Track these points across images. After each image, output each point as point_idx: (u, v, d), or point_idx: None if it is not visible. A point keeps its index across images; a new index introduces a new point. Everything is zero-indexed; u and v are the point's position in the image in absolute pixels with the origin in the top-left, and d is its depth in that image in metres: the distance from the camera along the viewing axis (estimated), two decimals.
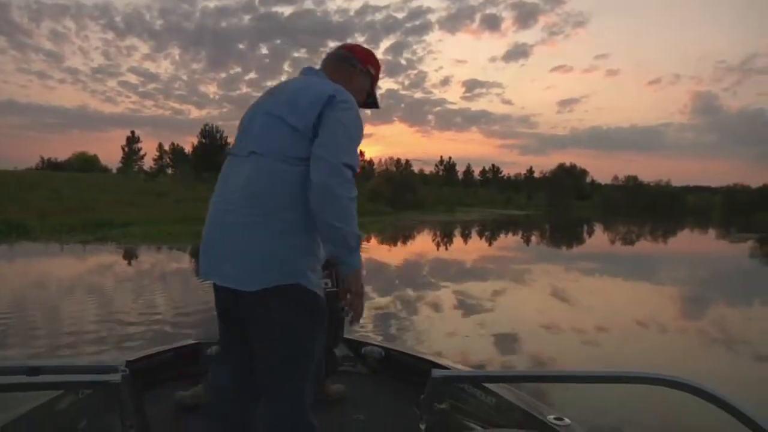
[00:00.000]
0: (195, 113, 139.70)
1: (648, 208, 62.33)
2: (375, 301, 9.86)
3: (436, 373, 1.40)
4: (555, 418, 2.55)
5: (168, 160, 79.94)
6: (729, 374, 7.74)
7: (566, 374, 1.50)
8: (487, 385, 2.88)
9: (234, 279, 1.90)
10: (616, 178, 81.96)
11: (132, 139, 79.61)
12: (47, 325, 8.31)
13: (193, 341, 3.84)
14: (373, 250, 21.20)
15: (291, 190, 1.89)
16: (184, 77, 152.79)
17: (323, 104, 1.91)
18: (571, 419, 2.57)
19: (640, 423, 5.34)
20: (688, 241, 36.35)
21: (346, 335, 3.75)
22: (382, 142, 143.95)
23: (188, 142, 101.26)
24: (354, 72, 2.22)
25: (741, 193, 70.19)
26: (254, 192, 1.90)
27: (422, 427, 1.54)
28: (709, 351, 9.11)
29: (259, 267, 1.87)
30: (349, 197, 1.86)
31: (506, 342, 8.26)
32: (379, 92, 2.40)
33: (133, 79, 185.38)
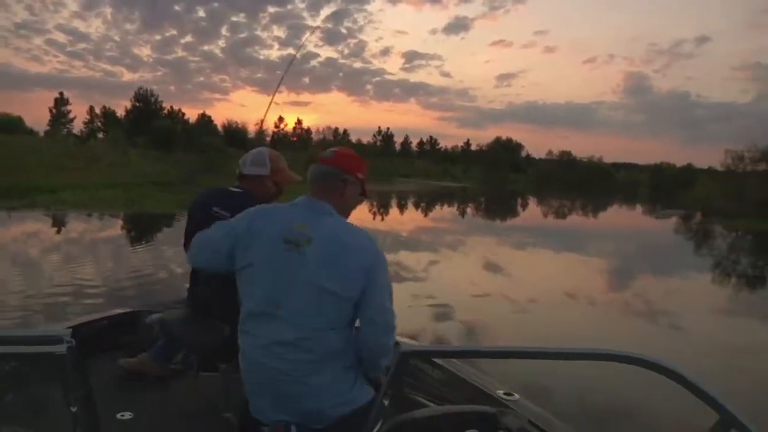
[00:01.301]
0: (128, 76, 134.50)
1: (580, 184, 63.96)
2: None
3: (405, 347, 1.35)
4: (505, 394, 2.67)
5: (99, 123, 77.28)
6: (648, 342, 8.20)
7: (535, 351, 1.51)
8: (438, 361, 2.97)
9: (302, 421, 1.98)
10: (550, 153, 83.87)
11: (60, 101, 76.38)
12: None
13: (130, 309, 3.83)
14: None
15: (334, 353, 1.98)
16: (117, 38, 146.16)
17: (370, 272, 1.97)
18: (519, 394, 2.68)
19: (591, 398, 5.55)
20: (616, 216, 37.72)
21: None
22: (319, 110, 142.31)
23: (121, 106, 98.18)
24: (345, 186, 2.15)
25: (667, 171, 72.88)
26: (300, 351, 1.95)
27: (386, 402, 1.51)
28: (631, 320, 9.60)
29: (327, 407, 1.99)
30: (393, 341, 1.98)
31: (440, 312, 8.50)
32: (317, 60, 2.33)
33: (61, 37, 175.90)
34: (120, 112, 74.16)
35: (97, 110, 79.04)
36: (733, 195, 36.60)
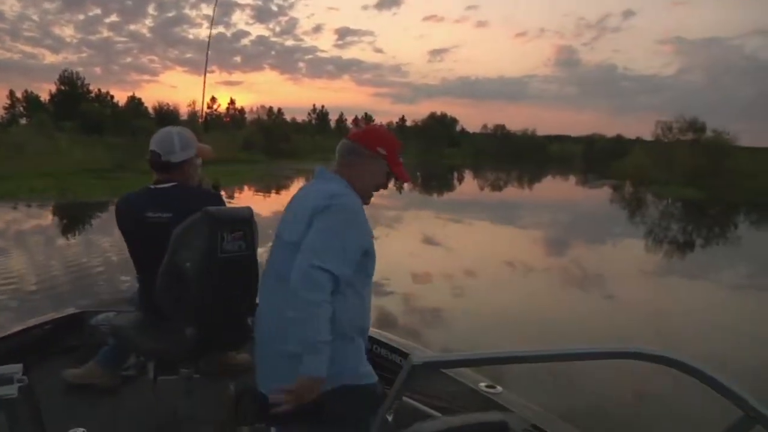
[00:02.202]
0: (50, 58, 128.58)
1: (515, 156, 64.95)
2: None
3: (416, 359, 1.25)
4: (486, 386, 2.60)
5: (21, 108, 74.11)
6: (581, 310, 8.54)
7: (544, 354, 1.40)
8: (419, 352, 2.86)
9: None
10: (485, 126, 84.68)
11: None
12: None
13: (74, 310, 3.59)
14: (246, 200, 20.99)
15: None
16: (35, 17, 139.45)
17: (314, 216, 1.93)
18: (503, 387, 2.62)
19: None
20: (551, 187, 38.64)
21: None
22: (252, 89, 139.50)
23: (44, 90, 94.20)
24: (364, 161, 2.13)
25: (598, 142, 74.66)
26: (284, 319, 1.91)
27: (389, 418, 1.42)
28: (568, 289, 9.94)
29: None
30: (314, 301, 1.79)
31: (377, 288, 8.59)
32: (248, 39, 2.25)
33: None
34: (44, 96, 71.19)
35: (18, 94, 75.68)
36: (663, 164, 37.90)
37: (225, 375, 3.17)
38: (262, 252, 2.39)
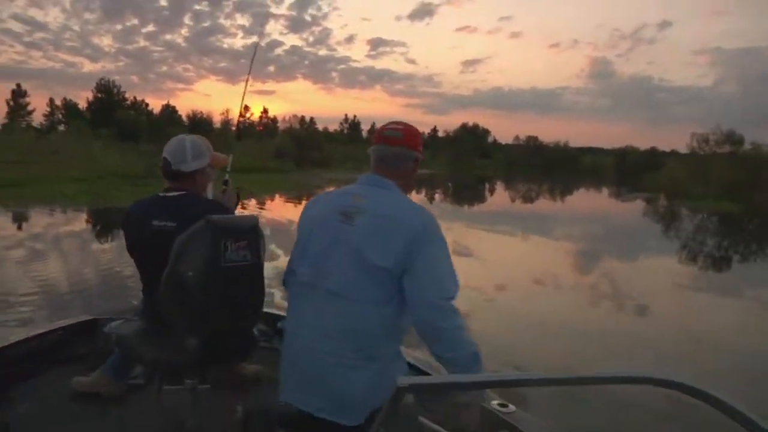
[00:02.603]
0: (89, 66, 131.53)
1: (547, 168, 64.54)
2: (280, 260, 9.82)
3: (402, 380, 1.19)
4: (499, 404, 2.49)
5: (60, 116, 75.58)
6: (610, 325, 8.30)
7: (551, 378, 1.35)
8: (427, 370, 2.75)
9: (331, 413, 1.91)
10: (517, 138, 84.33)
11: (18, 93, 74.49)
12: None
13: (88, 317, 3.60)
14: (278, 208, 21.03)
15: (384, 331, 1.91)
16: (76, 28, 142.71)
17: (416, 245, 1.88)
18: (515, 405, 2.50)
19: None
20: (583, 199, 38.10)
21: None
22: (285, 99, 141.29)
23: (82, 97, 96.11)
24: (413, 166, 2.15)
25: (631, 154, 73.84)
26: (346, 337, 1.89)
27: None
28: (599, 304, 9.68)
29: (362, 403, 1.88)
30: (455, 326, 1.86)
31: None
32: (282, 48, 2.25)
33: (16, 27, 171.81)
34: (82, 104, 72.63)
35: (58, 102, 77.26)
36: (699, 177, 37.18)
37: (235, 386, 3.18)
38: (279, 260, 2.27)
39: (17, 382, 3.03)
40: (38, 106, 77.75)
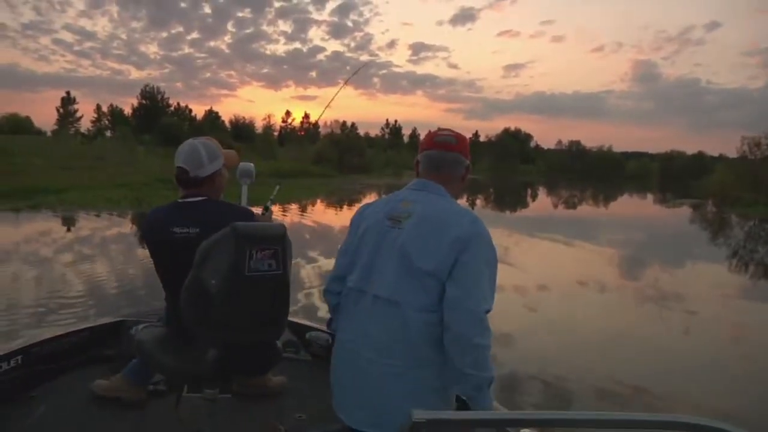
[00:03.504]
0: (135, 74, 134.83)
1: (590, 173, 63.65)
2: (319, 263, 9.76)
3: (419, 414, 1.13)
4: None
5: (107, 122, 77.39)
6: (654, 335, 8.03)
7: (574, 418, 1.20)
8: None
9: (370, 424, 1.87)
10: (559, 143, 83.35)
11: (67, 100, 76.51)
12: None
13: (116, 318, 3.58)
14: (319, 213, 21.05)
15: (430, 338, 1.83)
16: (123, 36, 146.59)
17: (462, 248, 1.82)
18: None
19: None
20: (628, 205, 37.37)
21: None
22: (326, 104, 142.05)
23: (128, 104, 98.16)
24: (463, 173, 2.10)
25: (677, 159, 72.28)
26: (391, 343, 1.84)
27: None
28: (645, 311, 9.37)
29: (401, 413, 1.76)
30: (487, 345, 1.78)
31: None
32: (324, 54, 2.17)
33: (68, 37, 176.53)
34: (127, 110, 74.32)
35: (104, 108, 79.17)
36: (749, 183, 36.04)
37: (258, 397, 3.13)
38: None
39: (40, 383, 3.04)
40: (86, 112, 79.36)
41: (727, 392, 6.05)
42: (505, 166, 68.65)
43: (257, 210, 2.92)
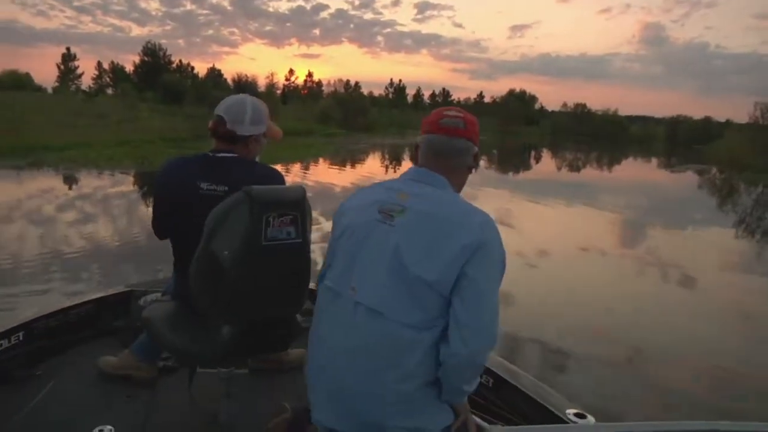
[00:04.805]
0: (136, 30, 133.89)
1: (595, 136, 63.26)
2: (322, 225, 9.73)
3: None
4: (576, 415, 2.20)
5: (108, 79, 76.82)
6: (652, 299, 8.04)
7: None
8: (495, 369, 2.54)
9: None
10: (565, 105, 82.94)
11: (67, 56, 75.76)
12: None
13: (124, 289, 3.40)
14: (323, 173, 20.97)
15: (418, 357, 1.56)
16: None
17: (468, 257, 1.53)
18: (595, 417, 2.21)
19: None
20: (631, 169, 37.15)
21: None
22: (330, 63, 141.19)
23: (129, 61, 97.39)
24: (471, 162, 1.80)
25: (683, 124, 71.71)
26: (372, 360, 1.57)
27: None
28: (642, 274, 9.37)
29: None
30: (485, 363, 1.64)
31: None
32: (327, 12, 1.96)
33: None
34: (129, 68, 73.73)
35: (106, 65, 78.53)
36: (760, 148, 35.59)
37: (274, 371, 2.96)
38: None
39: (44, 359, 2.91)
40: (87, 69, 78.77)
41: (721, 352, 6.10)
42: (510, 128, 68.23)
43: None
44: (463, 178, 1.81)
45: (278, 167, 2.59)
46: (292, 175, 18.48)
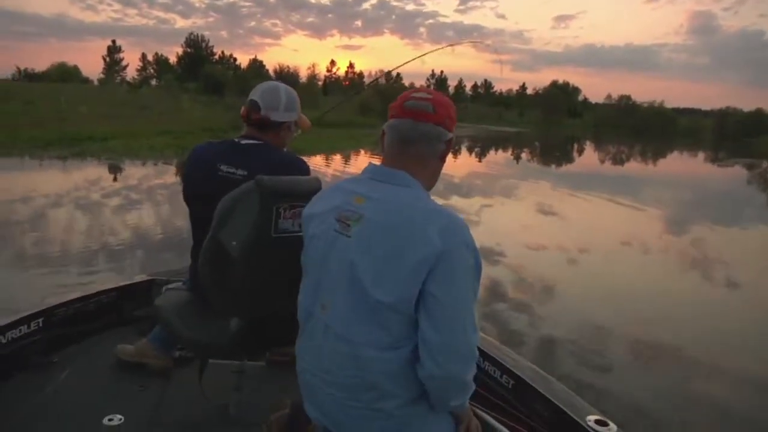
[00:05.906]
0: (180, 23, 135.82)
1: (639, 129, 62.03)
2: None
3: None
4: (597, 421, 2.11)
5: (152, 70, 78.14)
6: (699, 294, 7.89)
7: None
8: (514, 370, 2.46)
9: None
10: (609, 97, 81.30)
11: (113, 49, 77.29)
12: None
13: (146, 277, 3.39)
14: (363, 163, 20.92)
15: (396, 376, 1.45)
16: None
17: (428, 272, 1.37)
18: (617, 424, 2.11)
19: None
20: (677, 163, 36.29)
21: None
22: (371, 54, 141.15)
23: (173, 53, 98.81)
24: (443, 151, 1.59)
25: (732, 116, 69.79)
26: (350, 383, 1.48)
27: None
28: (685, 276, 9.06)
29: None
30: (469, 381, 1.47)
31: (489, 256, 8.19)
32: (369, 3, 1.78)
33: None
34: (172, 59, 74.86)
35: (150, 57, 79.82)
36: None
37: (290, 364, 2.91)
38: None
39: (62, 347, 2.89)
40: (132, 61, 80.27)
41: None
42: (552, 119, 67.35)
43: None
44: (435, 168, 1.60)
45: (319, 158, 2.49)
46: (333, 166, 18.48)
